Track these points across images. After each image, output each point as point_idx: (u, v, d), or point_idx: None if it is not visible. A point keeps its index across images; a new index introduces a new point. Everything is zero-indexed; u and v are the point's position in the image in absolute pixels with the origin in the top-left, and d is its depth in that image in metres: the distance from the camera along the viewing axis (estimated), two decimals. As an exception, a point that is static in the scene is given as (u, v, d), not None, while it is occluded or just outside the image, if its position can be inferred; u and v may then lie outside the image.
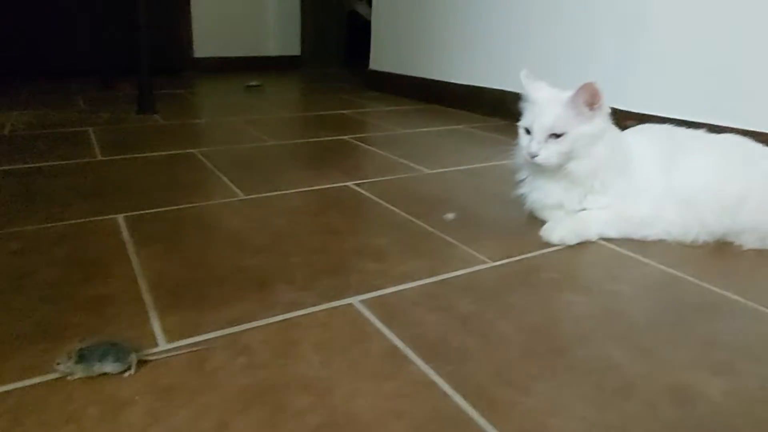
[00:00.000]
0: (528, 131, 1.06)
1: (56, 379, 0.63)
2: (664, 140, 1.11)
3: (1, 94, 2.62)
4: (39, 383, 0.62)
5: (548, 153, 1.02)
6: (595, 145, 1.03)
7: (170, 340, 0.71)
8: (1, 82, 2.88)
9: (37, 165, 1.48)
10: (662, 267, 0.96)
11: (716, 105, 1.60)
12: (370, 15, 4.46)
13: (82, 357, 0.62)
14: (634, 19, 1.80)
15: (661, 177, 1.05)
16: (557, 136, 1.01)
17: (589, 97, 1.00)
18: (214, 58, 3.87)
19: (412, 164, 1.60)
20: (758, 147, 1.09)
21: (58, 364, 0.62)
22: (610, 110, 1.05)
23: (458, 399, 0.62)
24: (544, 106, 1.04)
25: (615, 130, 1.08)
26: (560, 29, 2.06)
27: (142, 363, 0.66)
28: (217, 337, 0.72)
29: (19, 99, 2.52)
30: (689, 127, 1.16)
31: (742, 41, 1.53)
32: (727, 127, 1.45)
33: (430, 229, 1.11)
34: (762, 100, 1.50)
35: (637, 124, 1.25)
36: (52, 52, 3.30)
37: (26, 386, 0.62)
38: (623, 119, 1.27)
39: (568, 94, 1.02)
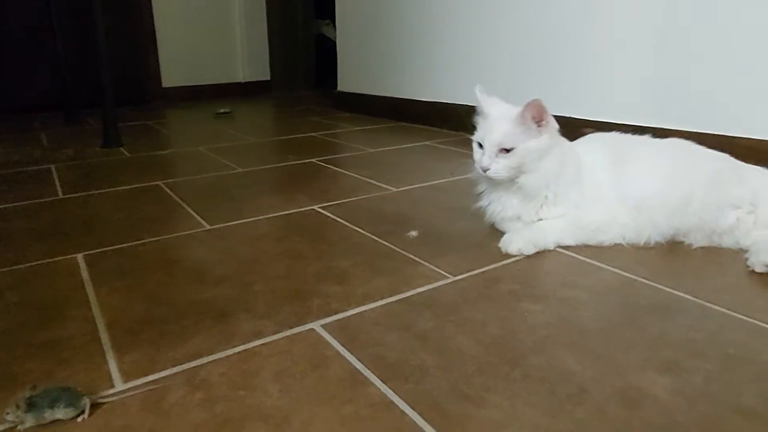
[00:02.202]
0: (480, 145, 1.08)
1: (5, 430, 0.62)
2: (612, 148, 1.15)
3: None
4: (-13, 436, 0.62)
5: (498, 167, 1.05)
6: (544, 159, 1.06)
7: (126, 380, 0.71)
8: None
9: (-4, 207, 1.46)
10: (617, 270, 0.98)
11: (662, 109, 1.66)
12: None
13: (32, 405, 0.62)
14: (585, 37, 1.86)
15: (612, 184, 1.09)
16: (507, 150, 1.04)
17: (535, 114, 1.03)
18: (183, 87, 3.88)
19: (378, 183, 1.61)
20: (700, 149, 1.13)
21: (7, 414, 0.62)
22: (557, 126, 1.08)
23: (415, 417, 0.62)
24: (495, 121, 1.06)
25: (565, 143, 1.11)
26: (518, 45, 2.11)
27: (96, 406, 0.65)
28: (174, 374, 0.72)
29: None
30: (637, 132, 1.20)
31: (678, 51, 1.58)
32: (673, 130, 1.51)
33: (394, 247, 1.12)
34: (701, 103, 1.56)
35: (595, 131, 1.29)
36: (12, 88, 3.28)
37: (-27, 441, 0.61)
38: (581, 127, 1.31)
39: (517, 110, 1.04)
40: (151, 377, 0.71)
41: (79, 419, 0.63)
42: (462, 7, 2.32)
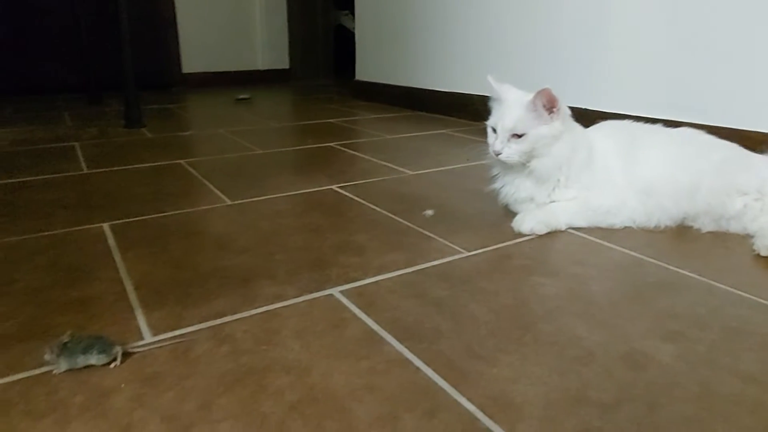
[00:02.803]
0: (494, 130, 1.11)
1: (42, 373, 0.66)
2: (624, 135, 1.18)
3: (-13, 114, 2.65)
4: (24, 378, 0.65)
5: (510, 151, 1.08)
6: (555, 144, 1.09)
7: (155, 333, 0.75)
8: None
9: (21, 180, 1.51)
10: (625, 250, 1.00)
11: (674, 102, 1.68)
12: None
13: (66, 350, 0.66)
14: (598, 29, 1.87)
15: (623, 169, 1.11)
16: (519, 136, 1.07)
17: (546, 101, 1.06)
18: (202, 73, 3.93)
19: (395, 167, 1.64)
20: (710, 138, 1.16)
21: (45, 354, 0.66)
22: (570, 112, 1.10)
23: (430, 372, 0.66)
24: (508, 107, 1.09)
25: (577, 128, 1.14)
26: (533, 36, 2.12)
27: (127, 355, 0.69)
28: (201, 329, 0.76)
29: (3, 117, 2.56)
30: (648, 123, 1.22)
31: (693, 46, 1.59)
32: (685, 122, 1.52)
33: (410, 225, 1.15)
34: (715, 96, 1.57)
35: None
36: (36, 69, 3.35)
37: (11, 381, 0.65)
38: (594, 118, 1.33)
39: (529, 97, 1.07)
40: (178, 332, 0.75)
41: (112, 366, 0.67)
42: (481, -3, 2.34)
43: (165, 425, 0.57)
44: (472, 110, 2.41)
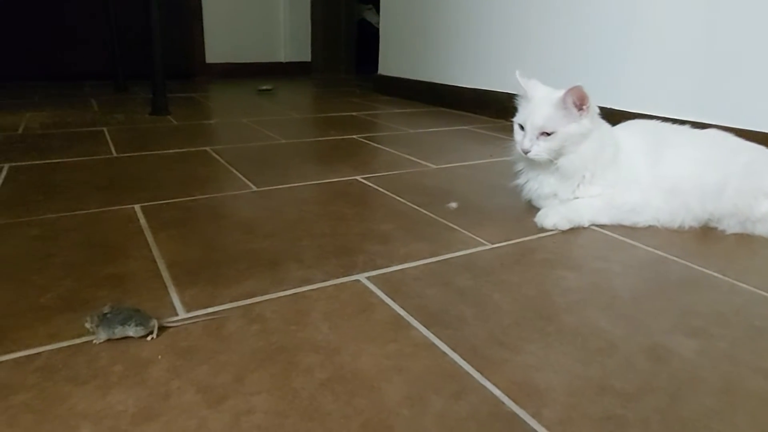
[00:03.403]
0: (522, 127, 1.12)
1: (83, 343, 0.69)
2: (651, 134, 1.18)
3: (15, 96, 2.71)
4: (66, 347, 0.68)
5: (539, 149, 1.09)
6: (583, 142, 1.09)
7: (188, 310, 0.77)
8: (14, 86, 2.98)
9: (53, 161, 1.55)
10: (649, 248, 1.01)
11: (701, 104, 1.67)
12: (378, 22, 4.55)
13: (105, 320, 0.68)
14: (626, 28, 1.86)
15: (649, 167, 1.12)
16: (548, 134, 1.07)
17: (576, 99, 1.06)
18: (225, 63, 3.97)
19: (418, 160, 1.66)
20: (737, 140, 1.16)
21: (85, 321, 0.69)
22: (598, 110, 1.11)
23: (455, 357, 0.67)
24: (537, 105, 1.10)
25: (604, 126, 1.14)
26: (560, 34, 2.12)
27: (162, 329, 0.72)
28: (232, 308, 0.78)
29: (33, 101, 2.61)
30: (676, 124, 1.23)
31: (722, 46, 1.58)
32: (713, 125, 1.51)
33: (434, 216, 1.17)
34: (740, 99, 1.56)
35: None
36: (65, 56, 3.41)
37: (53, 349, 0.67)
38: (620, 118, 1.34)
39: (559, 94, 1.07)
40: (210, 309, 0.78)
41: (149, 338, 0.70)
42: (508, -6, 2.34)
43: (201, 395, 0.60)
44: (495, 107, 2.42)
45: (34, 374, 0.63)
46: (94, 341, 0.69)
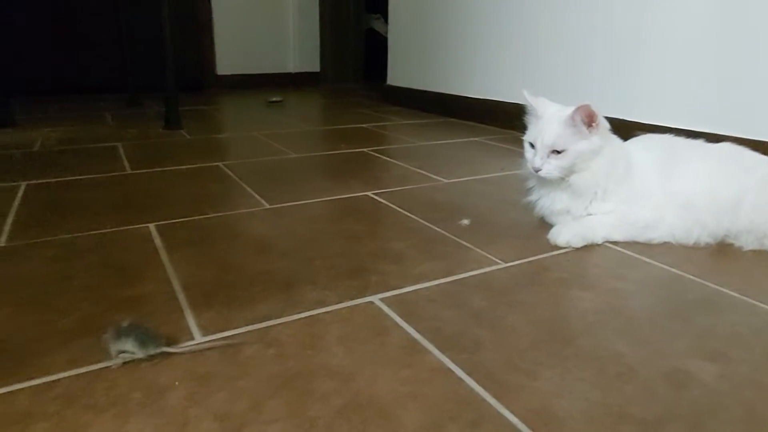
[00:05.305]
0: (532, 145, 1.12)
1: (101, 369, 0.69)
2: (664, 149, 1.17)
3: (30, 111, 2.74)
4: (84, 373, 0.69)
5: (550, 168, 1.08)
6: (595, 158, 1.09)
7: (205, 333, 0.78)
8: (29, 101, 3.02)
9: (68, 178, 1.56)
10: (664, 266, 1.00)
11: (714, 115, 1.66)
12: (386, 32, 4.58)
13: (122, 335, 0.71)
14: (631, 38, 1.86)
15: (662, 183, 1.11)
16: (558, 152, 1.07)
17: (585, 117, 1.06)
18: (236, 75, 4.00)
19: (429, 174, 1.66)
20: (753, 154, 1.15)
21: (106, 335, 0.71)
22: (608, 125, 1.11)
23: (471, 383, 0.67)
24: (546, 123, 1.09)
25: (616, 141, 1.14)
26: (569, 45, 2.12)
27: (177, 355, 0.72)
28: (248, 332, 0.79)
29: (48, 116, 2.65)
30: (690, 137, 1.21)
31: (737, 56, 1.57)
32: (728, 136, 1.50)
33: (446, 233, 1.17)
34: (755, 110, 1.55)
35: (644, 133, 1.30)
36: (79, 71, 3.45)
37: (72, 375, 0.68)
38: (633, 129, 1.33)
39: (567, 112, 1.07)
40: (226, 333, 0.78)
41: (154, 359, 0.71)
42: (513, 5, 2.34)
43: (218, 424, 0.60)
44: (504, 118, 2.42)
45: (54, 402, 0.63)
46: (113, 362, 0.70)
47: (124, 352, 0.70)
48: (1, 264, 0.99)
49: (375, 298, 0.88)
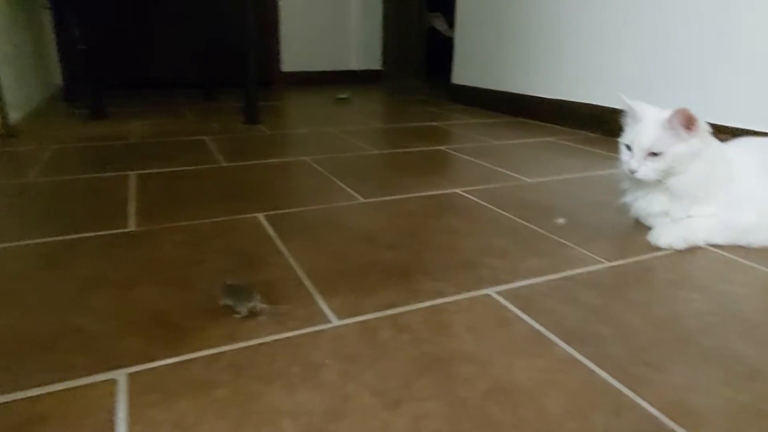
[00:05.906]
0: (629, 147, 1.14)
1: (259, 344, 0.76)
2: (765, 151, 1.17)
3: (118, 105, 2.89)
4: (244, 347, 0.76)
5: (647, 170, 1.11)
6: (694, 162, 1.10)
7: (341, 317, 0.84)
8: (115, 94, 3.18)
9: (171, 169, 1.66)
10: (773, 271, 1.02)
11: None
12: (447, 30, 4.61)
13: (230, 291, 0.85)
14: (722, 34, 1.84)
15: (763, 186, 1.11)
16: (656, 154, 1.09)
17: (683, 121, 1.07)
18: (300, 72, 4.10)
19: (510, 173, 1.69)
20: None
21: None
22: (708, 128, 1.12)
23: (604, 374, 0.71)
24: (644, 126, 1.12)
25: (715, 143, 1.15)
26: (649, 43, 2.11)
27: (321, 333, 0.79)
28: (378, 318, 0.84)
29: (134, 110, 2.79)
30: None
31: None
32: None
33: (543, 232, 1.20)
34: None
35: (730, 138, 1.31)
36: (159, 68, 3.61)
37: (234, 349, 0.75)
38: (726, 134, 1.33)
39: (665, 115, 1.09)
40: (359, 318, 0.84)
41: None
42: (587, 2, 2.34)
43: (377, 399, 0.66)
44: (577, 119, 2.43)
45: (226, 372, 0.70)
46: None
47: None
48: (137, 248, 1.08)
49: (491, 291, 0.93)
